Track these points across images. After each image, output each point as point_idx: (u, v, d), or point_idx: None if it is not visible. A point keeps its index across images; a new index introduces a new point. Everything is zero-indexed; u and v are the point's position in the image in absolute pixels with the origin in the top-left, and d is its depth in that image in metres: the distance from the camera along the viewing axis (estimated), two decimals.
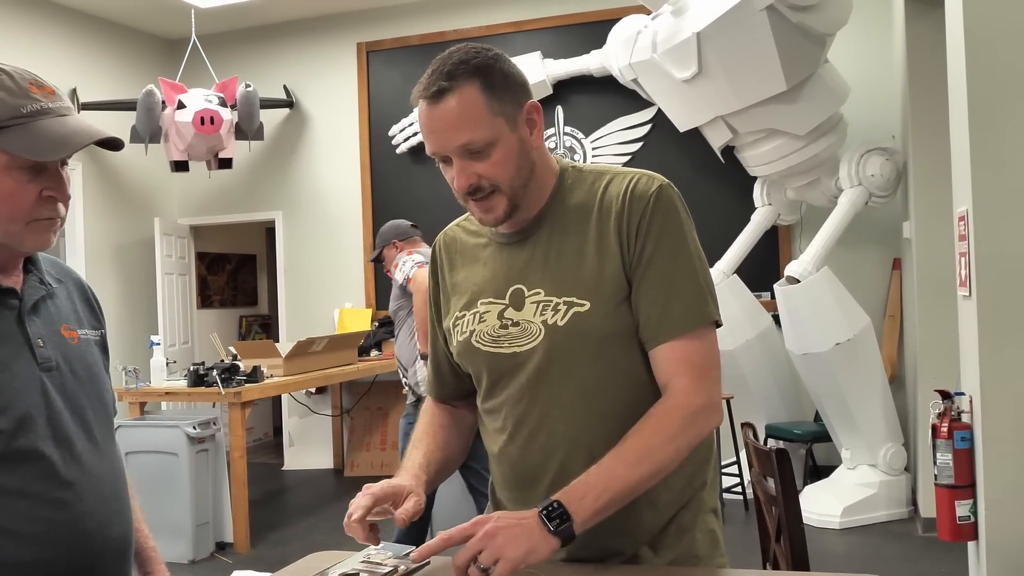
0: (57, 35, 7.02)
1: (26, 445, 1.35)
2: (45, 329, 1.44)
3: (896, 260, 6.24)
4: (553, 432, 1.50)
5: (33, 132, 1.33)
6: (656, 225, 1.48)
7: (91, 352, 1.52)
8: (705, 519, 1.58)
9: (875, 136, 5.93)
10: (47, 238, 1.40)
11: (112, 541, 1.45)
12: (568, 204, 1.55)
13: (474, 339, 1.57)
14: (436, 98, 1.43)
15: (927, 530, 4.93)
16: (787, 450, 2.18)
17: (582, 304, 1.48)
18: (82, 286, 1.61)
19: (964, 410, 2.98)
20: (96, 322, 1.59)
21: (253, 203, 7.94)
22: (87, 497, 1.41)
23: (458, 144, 1.44)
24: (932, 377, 4.79)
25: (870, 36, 6.25)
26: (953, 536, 2.96)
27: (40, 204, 1.37)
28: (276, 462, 7.92)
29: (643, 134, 6.78)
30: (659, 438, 1.42)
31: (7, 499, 1.33)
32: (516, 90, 1.49)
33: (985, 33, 2.84)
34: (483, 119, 1.43)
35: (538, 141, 1.52)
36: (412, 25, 7.43)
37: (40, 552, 1.35)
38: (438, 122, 1.44)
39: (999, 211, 2.82)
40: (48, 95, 1.38)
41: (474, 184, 1.47)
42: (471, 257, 1.64)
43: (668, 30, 5.30)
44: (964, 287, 2.99)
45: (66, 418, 1.41)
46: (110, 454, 1.50)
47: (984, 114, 2.84)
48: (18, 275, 1.45)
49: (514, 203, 1.50)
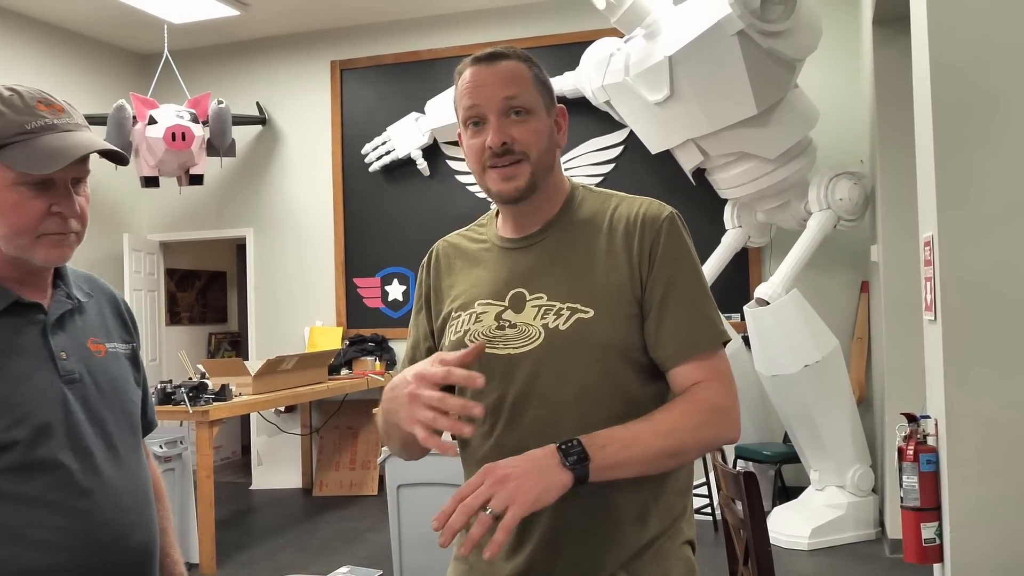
0: (27, 48, 6.97)
1: (44, 455, 1.39)
2: (70, 342, 1.48)
3: (864, 283, 6.31)
4: (543, 437, 1.46)
5: (33, 147, 1.38)
6: (673, 250, 1.53)
7: (118, 365, 1.57)
8: (683, 549, 1.58)
9: (844, 160, 6.01)
10: (60, 252, 1.45)
11: (131, 551, 1.48)
12: (577, 217, 1.58)
13: (468, 338, 1.55)
14: (491, 60, 1.52)
15: (894, 551, 4.97)
16: (755, 473, 2.19)
17: (586, 311, 1.49)
18: (115, 301, 1.65)
19: (930, 433, 3.01)
20: (128, 336, 1.64)
21: (224, 220, 7.90)
22: (105, 507, 1.44)
23: (504, 95, 1.50)
24: (899, 399, 4.84)
25: (839, 62, 6.34)
26: (919, 558, 2.98)
27: (48, 219, 1.41)
28: (244, 481, 7.84)
29: (615, 156, 6.83)
30: (687, 422, 1.44)
31: (25, 507, 1.37)
32: (551, 90, 1.59)
33: (950, 61, 2.89)
34: (531, 87, 1.53)
35: (562, 142, 1.60)
36: (386, 44, 7.45)
37: (57, 559, 1.38)
38: (489, 77, 1.51)
39: (964, 236, 2.86)
40: (56, 112, 1.43)
41: (507, 144, 1.50)
42: (472, 260, 1.65)
43: (640, 53, 5.35)
44: (930, 311, 3.02)
45: (86, 429, 1.45)
46: (132, 465, 1.53)
47: (949, 141, 2.88)
48: (45, 290, 1.50)
49: (534, 181, 1.53)
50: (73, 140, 1.42)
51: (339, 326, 7.51)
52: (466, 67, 1.55)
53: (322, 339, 7.42)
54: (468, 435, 1.35)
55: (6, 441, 1.36)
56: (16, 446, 1.37)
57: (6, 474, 1.37)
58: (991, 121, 2.86)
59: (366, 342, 7.32)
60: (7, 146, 1.38)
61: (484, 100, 1.51)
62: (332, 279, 7.56)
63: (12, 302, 1.44)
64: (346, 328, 7.50)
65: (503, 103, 1.50)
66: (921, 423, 3.05)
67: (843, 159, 6.04)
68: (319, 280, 7.62)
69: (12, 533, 1.36)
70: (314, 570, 4.01)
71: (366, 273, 7.51)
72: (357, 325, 7.50)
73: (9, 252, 1.44)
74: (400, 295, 7.41)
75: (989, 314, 2.84)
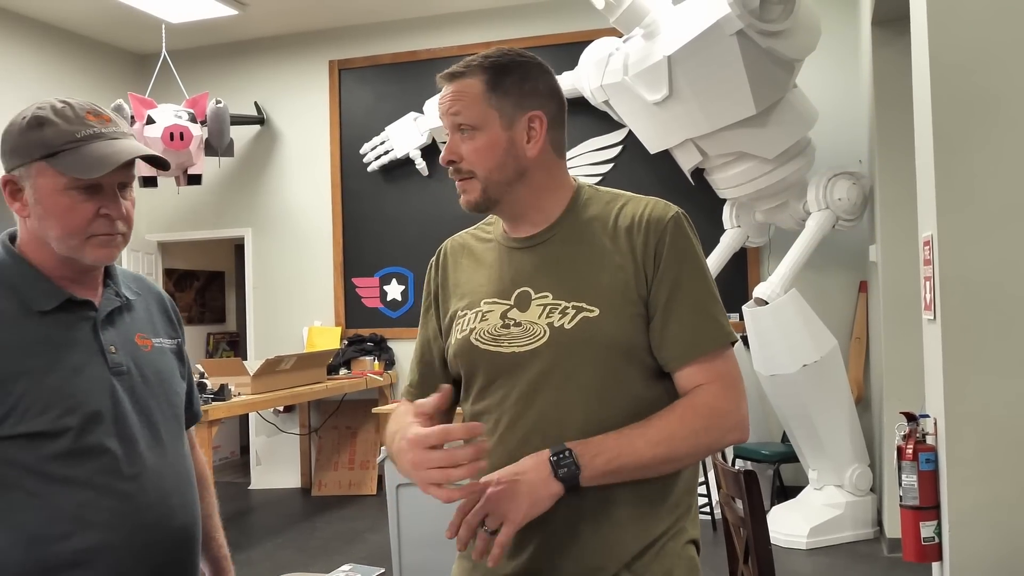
0: (25, 48, 6.96)
1: (93, 441, 1.50)
2: (118, 337, 1.60)
3: (862, 283, 6.31)
4: (547, 436, 1.48)
5: (81, 154, 1.49)
6: (678, 250, 1.53)
7: (164, 359, 1.68)
8: (687, 548, 1.58)
9: (842, 160, 6.01)
10: (107, 253, 1.55)
11: (174, 531, 1.59)
12: (582, 217, 1.59)
13: (473, 337, 1.57)
14: (448, 79, 1.58)
15: (892, 550, 4.97)
16: (755, 472, 2.19)
17: (591, 310, 1.49)
18: (162, 299, 1.78)
19: (929, 432, 3.01)
20: (173, 332, 1.75)
21: (222, 220, 7.90)
22: (149, 490, 1.55)
23: (450, 114, 1.56)
24: (897, 399, 4.84)
25: (838, 62, 6.34)
26: (918, 557, 2.98)
27: (97, 221, 1.52)
28: (243, 481, 7.84)
29: (614, 155, 6.83)
30: (683, 429, 1.46)
31: (75, 489, 1.48)
32: (525, 96, 1.56)
33: (950, 60, 2.89)
34: (478, 104, 1.54)
35: (533, 150, 1.57)
36: (384, 44, 7.45)
37: (107, 538, 1.50)
38: (443, 99, 1.57)
39: (964, 236, 2.86)
40: (104, 122, 1.54)
41: (453, 161, 1.56)
42: (478, 259, 1.66)
43: (639, 53, 5.35)
44: (929, 311, 3.02)
45: (132, 418, 1.56)
46: (174, 452, 1.64)
47: (949, 141, 2.88)
48: (96, 288, 1.61)
49: (489, 195, 1.56)
50: (118, 147, 1.52)
51: (337, 326, 7.51)
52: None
53: (320, 339, 7.42)
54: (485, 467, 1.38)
55: (59, 428, 1.47)
56: (67, 433, 1.48)
57: (59, 459, 1.48)
58: (991, 120, 2.86)
59: (365, 342, 7.32)
60: (59, 154, 1.49)
61: (441, 118, 1.59)
62: (331, 279, 7.56)
63: (65, 299, 1.55)
64: (344, 328, 7.49)
65: (451, 122, 1.56)
66: (920, 422, 3.05)
67: (842, 159, 6.05)
68: (317, 280, 7.62)
69: (67, 513, 1.48)
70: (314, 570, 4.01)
71: (365, 273, 7.51)
72: (356, 325, 7.50)
73: (62, 252, 1.54)
74: (399, 295, 7.41)
75: (989, 314, 2.84)
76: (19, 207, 1.55)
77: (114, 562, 1.50)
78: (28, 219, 1.54)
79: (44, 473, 1.47)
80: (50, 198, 1.51)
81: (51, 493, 1.47)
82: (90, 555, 1.48)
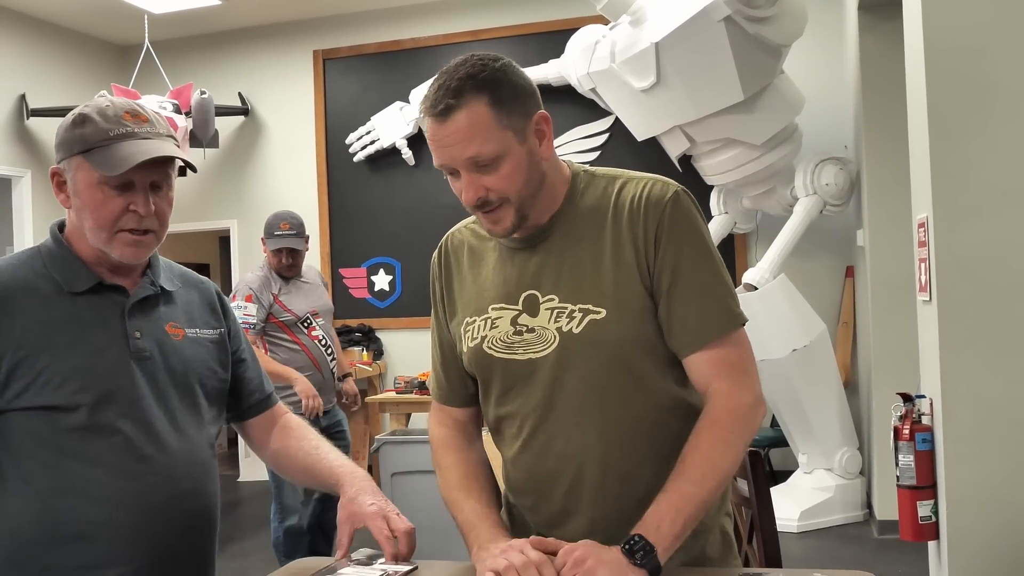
0: (6, 40, 6.88)
1: (104, 420, 1.55)
2: (147, 324, 1.65)
3: (849, 268, 6.35)
4: (569, 439, 1.49)
5: (111, 151, 1.55)
6: (678, 232, 1.48)
7: (195, 349, 1.71)
8: (721, 521, 1.59)
9: (829, 146, 6.04)
10: (134, 251, 1.61)
11: (182, 517, 1.63)
12: (581, 208, 1.54)
13: (485, 345, 1.54)
14: (443, 115, 1.42)
15: (882, 532, 5.02)
16: (759, 452, 2.21)
17: (598, 311, 1.47)
18: (208, 293, 1.83)
19: (925, 412, 3.04)
20: (216, 322, 1.79)
21: (207, 211, 7.84)
22: (159, 472, 1.59)
23: (466, 157, 1.43)
24: (886, 382, 4.89)
25: (824, 48, 6.36)
26: (915, 536, 3.02)
27: (125, 216, 1.58)
28: (232, 473, 7.81)
29: (601, 143, 6.84)
30: (717, 449, 1.42)
31: (85, 464, 1.54)
32: (525, 101, 1.47)
33: (944, 43, 2.92)
34: (491, 133, 1.42)
35: (547, 152, 1.50)
36: (369, 33, 7.41)
37: (114, 515, 1.55)
38: (447, 138, 1.43)
39: (959, 217, 2.89)
40: (140, 122, 1.59)
41: (482, 197, 1.46)
42: (478, 259, 1.62)
43: (626, 40, 5.35)
44: (924, 292, 3.05)
45: (149, 402, 1.60)
46: (192, 440, 1.67)
47: (943, 123, 2.90)
48: (134, 278, 1.67)
49: (522, 214, 1.49)
50: (144, 147, 1.57)
51: None
52: (424, 115, 1.46)
53: None
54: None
55: (73, 403, 1.53)
56: (80, 409, 1.54)
57: (72, 433, 1.54)
58: (986, 102, 2.89)
59: (353, 332, 7.30)
60: (93, 150, 1.56)
61: (448, 160, 1.45)
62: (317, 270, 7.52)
63: (96, 283, 1.61)
64: (332, 319, 7.46)
65: (467, 162, 1.43)
66: (916, 402, 3.08)
67: (828, 145, 6.07)
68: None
69: (76, 487, 1.54)
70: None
71: (352, 263, 7.48)
72: (343, 316, 7.47)
73: (94, 244, 1.61)
74: (386, 285, 7.40)
75: (984, 294, 2.87)
76: (63, 198, 1.63)
77: (117, 539, 1.55)
78: (70, 210, 1.63)
79: (58, 446, 1.54)
80: (86, 192, 1.58)
81: (63, 466, 1.54)
82: (94, 529, 1.54)
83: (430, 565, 1.57)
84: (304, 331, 4.49)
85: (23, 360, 1.52)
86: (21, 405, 1.53)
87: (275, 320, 4.40)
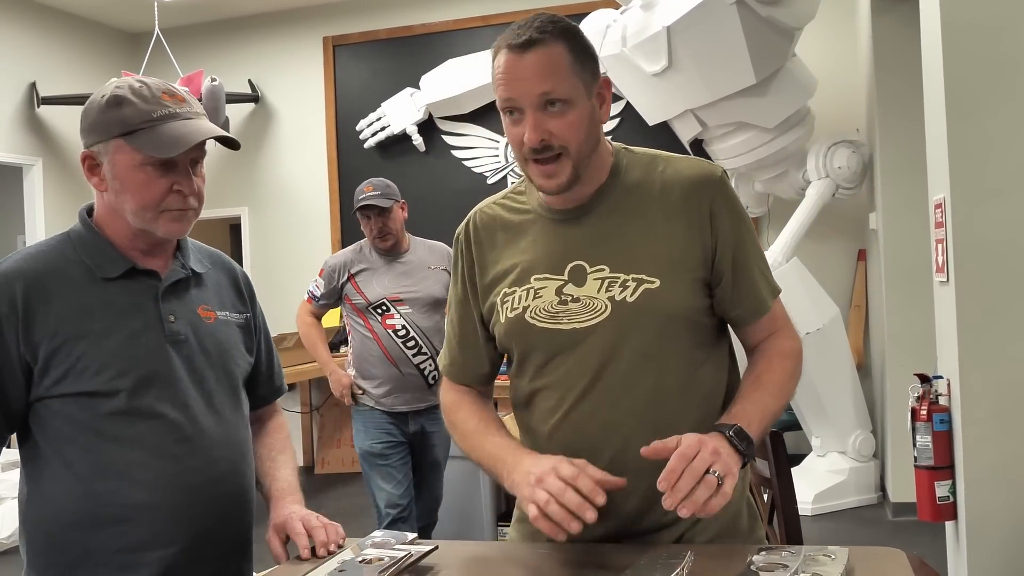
0: (17, 28, 6.89)
1: (144, 404, 1.56)
2: (180, 307, 1.66)
3: (861, 251, 6.34)
4: (617, 407, 1.50)
5: (158, 133, 1.55)
6: (734, 211, 1.56)
7: (226, 331, 1.73)
8: (748, 495, 1.62)
9: (841, 129, 6.01)
10: (179, 226, 1.62)
11: (221, 497, 1.65)
12: (626, 183, 1.56)
13: (528, 315, 1.54)
14: (524, 47, 1.43)
15: (897, 514, 5.03)
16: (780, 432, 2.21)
17: (652, 281, 1.49)
18: (235, 275, 1.84)
19: (942, 393, 3.04)
20: (242, 306, 1.80)
21: (218, 199, 7.84)
22: (198, 454, 1.61)
23: (539, 91, 1.43)
24: (900, 364, 4.88)
25: (836, 31, 6.33)
26: (933, 516, 3.02)
27: (170, 196, 1.59)
28: None
29: (612, 127, 6.81)
30: (786, 375, 1.56)
31: (125, 448, 1.56)
32: (594, 61, 1.51)
33: (960, 22, 2.90)
34: (567, 76, 1.44)
35: (605, 116, 1.53)
36: (379, 19, 7.40)
37: (154, 497, 1.56)
38: (523, 70, 1.43)
39: (977, 198, 2.88)
40: (179, 102, 1.60)
41: (545, 140, 1.45)
42: (516, 232, 1.61)
43: (637, 24, 5.33)
44: (941, 273, 3.05)
45: (186, 385, 1.62)
46: (229, 422, 1.69)
47: (961, 103, 2.89)
48: (165, 261, 1.67)
49: (577, 172, 1.49)
50: (192, 127, 1.58)
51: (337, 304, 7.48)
52: (500, 50, 1.47)
53: None
54: (576, 532, 1.33)
55: (112, 389, 1.55)
56: (119, 394, 1.55)
57: (111, 417, 1.55)
58: (1004, 81, 2.87)
59: None
60: (136, 132, 1.55)
61: (519, 94, 1.44)
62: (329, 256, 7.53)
63: (129, 268, 1.62)
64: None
65: (538, 99, 1.43)
66: (933, 383, 3.08)
67: (840, 128, 6.05)
68: (315, 258, 7.54)
69: (116, 470, 1.56)
70: None
71: None
72: None
73: (136, 225, 1.60)
74: None
75: (1002, 274, 2.87)
76: (97, 181, 1.61)
77: (158, 521, 1.57)
78: (105, 193, 1.61)
79: (98, 430, 1.55)
80: (127, 174, 1.57)
81: (103, 450, 1.55)
82: (135, 512, 1.55)
83: (450, 545, 1.58)
84: (378, 318, 3.96)
85: (60, 347, 1.53)
86: (59, 392, 1.53)
87: (349, 302, 4.03)
